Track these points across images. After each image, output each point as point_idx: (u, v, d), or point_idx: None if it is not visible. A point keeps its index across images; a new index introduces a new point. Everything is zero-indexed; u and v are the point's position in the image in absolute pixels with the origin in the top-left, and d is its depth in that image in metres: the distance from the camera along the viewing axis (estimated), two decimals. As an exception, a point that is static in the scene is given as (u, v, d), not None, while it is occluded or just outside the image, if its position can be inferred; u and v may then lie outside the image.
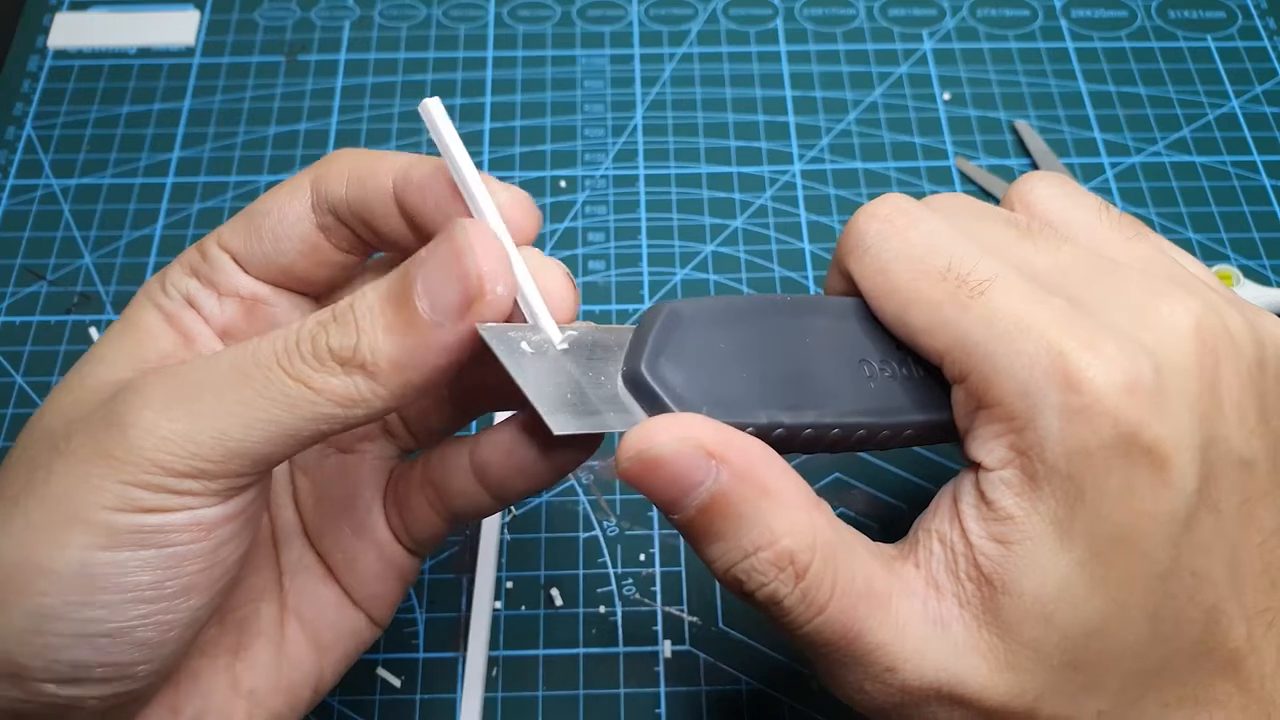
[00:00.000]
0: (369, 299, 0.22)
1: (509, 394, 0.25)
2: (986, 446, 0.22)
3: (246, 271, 0.26)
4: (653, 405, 0.23)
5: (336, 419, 0.21)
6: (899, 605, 0.22)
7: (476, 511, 0.27)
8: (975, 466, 0.23)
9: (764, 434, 0.23)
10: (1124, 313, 0.22)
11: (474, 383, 0.27)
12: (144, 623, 0.21)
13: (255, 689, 0.26)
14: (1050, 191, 0.26)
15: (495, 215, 0.23)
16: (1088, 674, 0.22)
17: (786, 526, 0.22)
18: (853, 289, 0.25)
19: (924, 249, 0.24)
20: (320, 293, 0.28)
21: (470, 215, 0.23)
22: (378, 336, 0.21)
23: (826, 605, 0.22)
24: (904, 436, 0.25)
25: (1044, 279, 0.23)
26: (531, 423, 0.25)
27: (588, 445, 0.25)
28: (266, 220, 0.26)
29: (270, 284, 0.27)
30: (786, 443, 0.23)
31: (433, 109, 0.23)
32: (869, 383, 0.24)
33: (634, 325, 0.24)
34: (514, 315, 0.23)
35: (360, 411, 0.22)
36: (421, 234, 0.25)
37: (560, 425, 0.22)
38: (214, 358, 0.22)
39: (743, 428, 0.23)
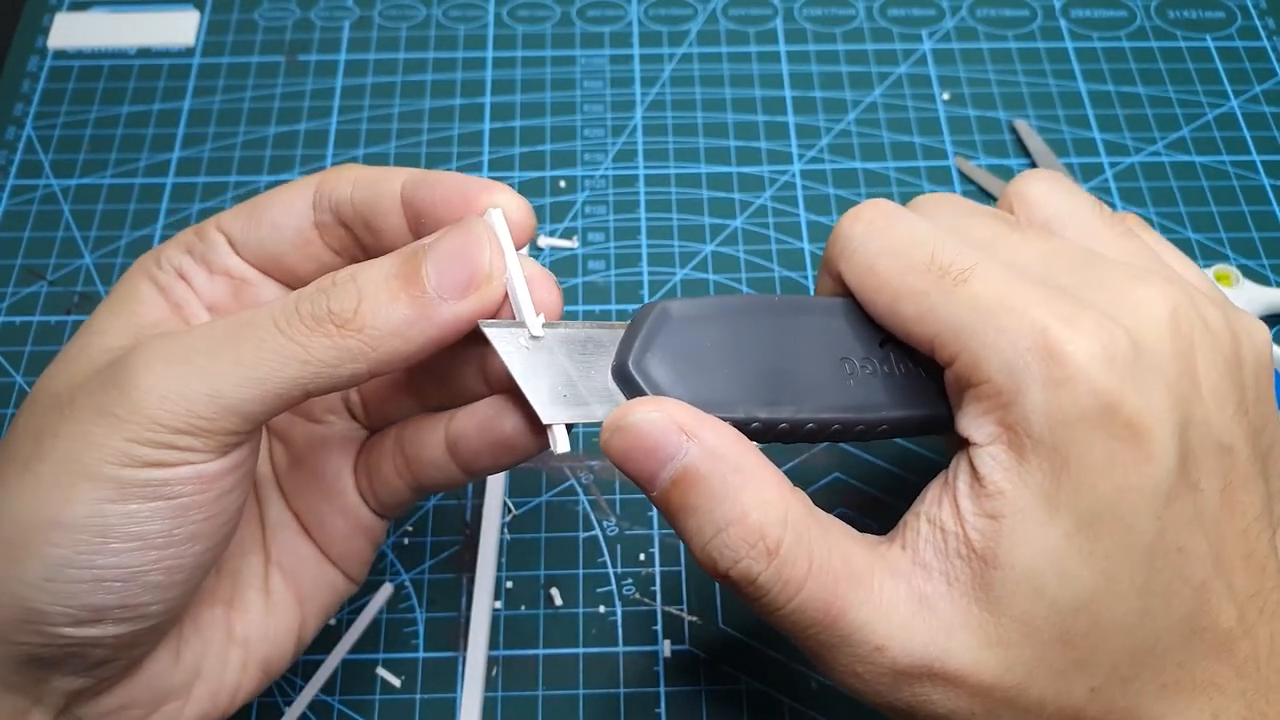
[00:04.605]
0: (374, 271, 0.24)
1: (468, 390, 0.27)
2: (976, 423, 0.23)
3: (239, 255, 0.28)
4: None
5: (322, 377, 0.23)
6: (882, 584, 0.23)
7: (444, 484, 0.28)
8: (966, 446, 0.24)
9: (741, 427, 0.24)
10: (1103, 296, 0.23)
11: (439, 374, 0.29)
12: (155, 567, 0.23)
13: (248, 636, 0.28)
14: (1045, 188, 0.27)
15: (506, 232, 0.25)
16: (1079, 649, 0.22)
17: (757, 501, 0.23)
18: (841, 290, 0.26)
19: (908, 244, 0.25)
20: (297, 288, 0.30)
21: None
22: (381, 303, 0.23)
23: (803, 583, 0.23)
24: (879, 430, 0.26)
25: (1027, 268, 0.24)
26: (520, 407, 0.26)
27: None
28: (269, 211, 0.28)
29: (258, 270, 0.28)
30: (763, 434, 0.25)
31: (494, 219, 0.25)
32: (848, 380, 0.25)
33: (627, 323, 0.25)
34: (500, 312, 0.25)
35: (345, 372, 0.23)
36: (421, 234, 0.27)
37: (549, 415, 0.24)
38: (210, 324, 0.24)
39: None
